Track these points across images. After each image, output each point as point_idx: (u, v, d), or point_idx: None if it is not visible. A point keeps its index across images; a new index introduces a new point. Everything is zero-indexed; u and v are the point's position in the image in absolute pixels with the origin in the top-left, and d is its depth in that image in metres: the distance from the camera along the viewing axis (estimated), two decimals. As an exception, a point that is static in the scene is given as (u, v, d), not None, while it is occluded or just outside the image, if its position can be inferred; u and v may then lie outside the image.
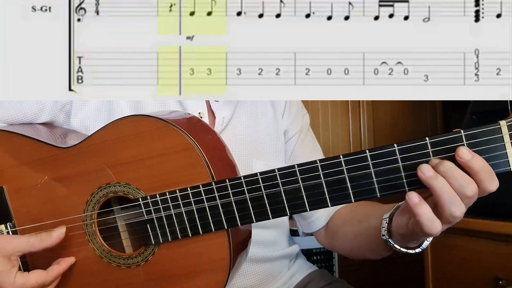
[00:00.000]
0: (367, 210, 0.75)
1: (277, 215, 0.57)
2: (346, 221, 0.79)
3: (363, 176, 0.53)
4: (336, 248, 0.84)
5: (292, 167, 0.55)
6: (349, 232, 0.77)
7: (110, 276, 0.64)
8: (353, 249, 0.78)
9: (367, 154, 0.53)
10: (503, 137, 0.50)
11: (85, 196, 0.63)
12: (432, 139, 0.51)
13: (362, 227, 0.73)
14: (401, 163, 0.52)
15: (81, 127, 0.74)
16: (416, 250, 0.60)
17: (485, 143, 0.50)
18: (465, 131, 0.50)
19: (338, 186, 0.54)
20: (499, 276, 1.00)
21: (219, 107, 0.78)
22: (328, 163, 0.54)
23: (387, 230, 0.61)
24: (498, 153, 0.50)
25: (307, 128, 0.91)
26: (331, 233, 0.83)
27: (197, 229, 0.59)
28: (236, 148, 0.65)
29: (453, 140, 0.51)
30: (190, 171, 0.59)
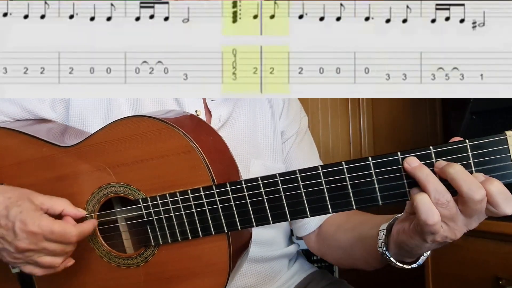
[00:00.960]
0: (361, 218, 0.74)
1: (278, 220, 0.57)
2: (339, 228, 0.78)
3: (365, 184, 0.53)
4: (326, 255, 0.82)
5: (294, 173, 0.55)
6: (341, 240, 0.76)
7: (110, 276, 0.64)
8: (344, 257, 0.76)
9: (370, 162, 0.52)
10: (509, 148, 0.49)
11: (85, 195, 0.63)
12: (437, 149, 0.50)
13: (356, 236, 0.71)
14: (404, 172, 0.51)
15: (78, 121, 0.73)
16: (411, 265, 0.59)
17: (490, 154, 0.49)
18: (470, 141, 0.49)
19: (340, 192, 0.54)
20: (499, 276, 1.00)
21: (216, 106, 0.77)
22: (330, 170, 0.53)
23: (384, 242, 0.60)
24: (504, 164, 0.49)
25: (304, 131, 0.90)
26: (322, 240, 0.81)
27: (197, 232, 0.59)
28: (233, 147, 0.65)
29: (458, 150, 0.50)
30: (191, 174, 0.59)
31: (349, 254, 0.74)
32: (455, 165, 0.48)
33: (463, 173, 0.48)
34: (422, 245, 0.54)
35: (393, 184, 0.52)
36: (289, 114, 0.87)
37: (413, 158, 0.50)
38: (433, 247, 0.54)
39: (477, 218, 0.51)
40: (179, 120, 0.63)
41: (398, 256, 0.59)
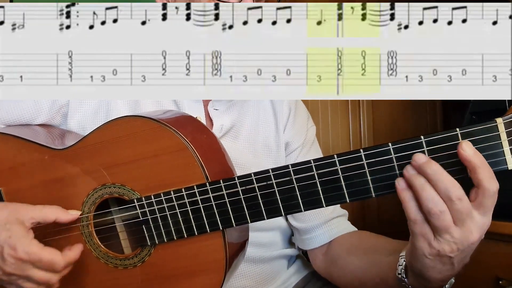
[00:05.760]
0: (374, 242, 0.72)
1: (272, 215, 0.56)
2: (350, 251, 0.75)
3: (357, 176, 0.52)
4: (333, 276, 0.78)
5: (286, 167, 0.55)
6: (353, 264, 0.73)
7: (107, 277, 0.64)
8: (354, 282, 0.73)
9: (362, 153, 0.52)
10: (500, 135, 0.49)
11: (81, 197, 0.63)
12: (427, 138, 0.50)
13: (370, 261, 0.69)
14: (396, 162, 0.51)
15: (78, 128, 0.74)
16: None
17: (481, 141, 0.49)
18: (460, 129, 0.49)
19: (333, 185, 0.54)
20: (499, 276, 0.99)
21: (218, 115, 0.77)
22: (322, 162, 0.53)
23: (404, 269, 0.58)
24: (495, 151, 0.49)
25: (311, 142, 0.87)
26: (330, 261, 0.78)
27: (192, 230, 0.59)
28: (234, 157, 0.65)
29: (449, 138, 0.50)
30: (185, 172, 0.59)
31: (359, 279, 0.71)
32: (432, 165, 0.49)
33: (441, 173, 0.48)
34: (424, 262, 0.52)
35: (385, 175, 0.52)
36: (295, 124, 0.85)
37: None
38: (446, 272, 0.52)
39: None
40: (173, 119, 0.63)
41: (417, 283, 0.57)
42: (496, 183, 0.48)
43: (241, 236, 0.64)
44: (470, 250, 0.51)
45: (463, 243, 0.49)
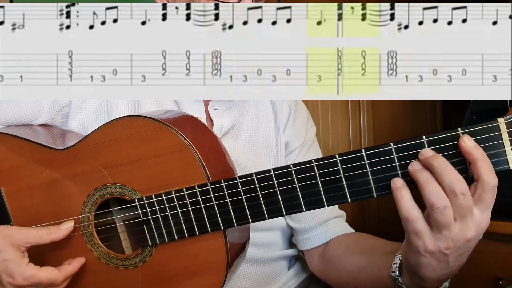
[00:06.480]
0: (371, 243, 0.72)
1: (274, 215, 0.57)
2: (347, 251, 0.75)
3: (359, 176, 0.53)
4: (329, 277, 0.79)
5: (288, 167, 0.55)
6: (349, 263, 0.73)
7: (108, 277, 0.64)
8: (349, 281, 0.73)
9: (363, 153, 0.52)
10: (501, 135, 0.49)
11: (82, 197, 0.63)
12: (429, 138, 0.50)
13: (366, 261, 0.69)
14: (397, 162, 0.51)
15: (79, 129, 0.74)
16: None
17: (483, 141, 0.49)
18: (462, 129, 0.50)
19: (334, 185, 0.54)
20: (499, 276, 0.99)
21: (218, 115, 0.77)
22: (323, 162, 0.54)
23: (398, 267, 0.58)
24: (497, 151, 0.49)
25: (311, 142, 0.87)
26: (327, 261, 0.78)
27: (193, 230, 0.59)
28: (234, 157, 0.65)
29: (451, 138, 0.50)
30: (186, 172, 0.59)
31: (355, 279, 0.71)
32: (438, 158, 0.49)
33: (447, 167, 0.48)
34: (419, 259, 0.51)
35: (386, 175, 0.52)
36: (295, 124, 0.85)
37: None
38: (440, 270, 0.52)
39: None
40: (174, 119, 0.63)
41: (411, 282, 0.56)
42: (495, 178, 0.48)
43: (242, 236, 0.64)
44: (466, 248, 0.51)
45: (459, 240, 0.49)
